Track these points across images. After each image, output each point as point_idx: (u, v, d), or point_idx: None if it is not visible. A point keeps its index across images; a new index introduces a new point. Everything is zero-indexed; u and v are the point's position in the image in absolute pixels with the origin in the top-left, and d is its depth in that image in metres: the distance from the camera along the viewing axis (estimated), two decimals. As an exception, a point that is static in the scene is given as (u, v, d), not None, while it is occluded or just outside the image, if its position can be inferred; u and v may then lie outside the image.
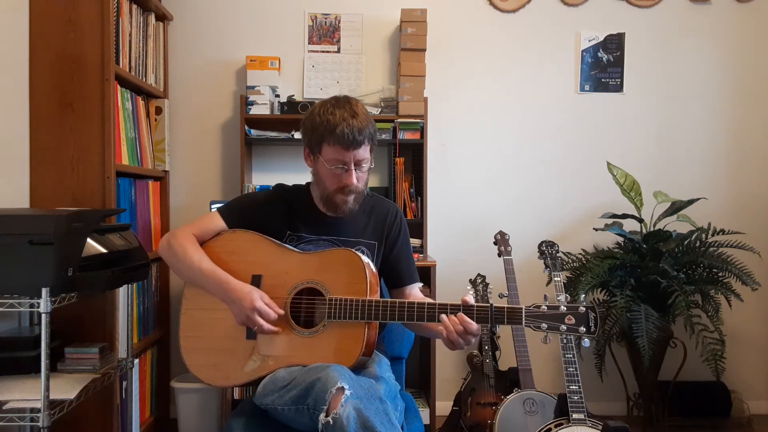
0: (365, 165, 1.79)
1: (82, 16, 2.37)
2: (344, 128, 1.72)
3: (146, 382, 2.92)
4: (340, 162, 1.76)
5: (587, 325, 1.56)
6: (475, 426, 2.59)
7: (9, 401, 1.85)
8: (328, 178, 1.79)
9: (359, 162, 1.77)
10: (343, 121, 1.73)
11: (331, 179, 1.79)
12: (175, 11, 3.27)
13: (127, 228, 2.33)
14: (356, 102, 1.80)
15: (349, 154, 1.75)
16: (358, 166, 1.78)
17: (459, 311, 1.61)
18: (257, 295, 1.70)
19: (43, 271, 1.77)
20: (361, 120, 1.75)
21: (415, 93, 3.15)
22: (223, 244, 1.84)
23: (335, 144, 1.74)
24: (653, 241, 3.04)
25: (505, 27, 3.43)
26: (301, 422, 1.55)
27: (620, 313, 2.85)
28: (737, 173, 3.50)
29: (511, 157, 3.46)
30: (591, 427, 2.13)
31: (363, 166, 1.79)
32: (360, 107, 1.79)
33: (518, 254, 2.88)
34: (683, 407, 3.18)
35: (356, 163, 1.77)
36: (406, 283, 1.93)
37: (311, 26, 3.38)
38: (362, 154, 1.77)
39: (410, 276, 1.94)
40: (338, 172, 1.77)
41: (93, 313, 2.35)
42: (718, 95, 3.49)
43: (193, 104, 3.34)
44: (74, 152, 2.37)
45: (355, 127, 1.72)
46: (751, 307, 3.37)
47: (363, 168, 1.79)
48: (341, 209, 1.82)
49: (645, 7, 3.45)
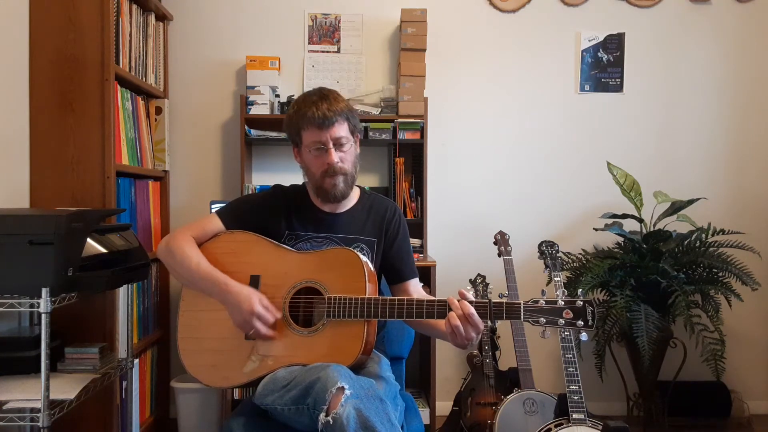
0: (346, 144, 1.82)
1: (82, 16, 2.37)
2: (314, 110, 1.78)
3: (146, 382, 2.92)
4: (319, 143, 1.80)
5: (585, 319, 1.56)
6: (475, 426, 2.59)
7: (9, 401, 1.85)
8: (313, 163, 1.83)
9: (337, 140, 1.80)
10: (313, 105, 1.80)
11: (315, 164, 1.82)
12: (175, 11, 3.28)
13: (127, 228, 2.33)
14: (328, 90, 1.86)
15: (325, 134, 1.79)
16: (338, 144, 1.81)
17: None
18: (256, 299, 1.70)
19: (43, 271, 1.77)
20: (331, 101, 1.81)
21: (415, 93, 3.15)
22: (221, 246, 1.84)
23: (309, 127, 1.80)
24: (653, 241, 3.04)
25: (505, 27, 3.43)
26: (301, 422, 1.55)
27: (620, 313, 2.85)
28: (737, 173, 3.50)
29: (511, 157, 3.46)
30: (591, 427, 2.13)
31: (343, 145, 1.82)
32: (331, 93, 1.85)
33: (518, 254, 2.88)
34: (683, 407, 3.19)
35: (335, 142, 1.80)
36: (407, 278, 1.94)
37: (311, 26, 3.38)
38: (338, 131, 1.80)
39: (411, 271, 1.95)
40: (318, 154, 1.81)
41: (93, 313, 2.35)
42: (718, 95, 3.49)
43: (193, 104, 3.34)
44: (74, 152, 2.37)
45: (325, 107, 1.78)
46: (751, 307, 3.37)
47: (344, 147, 1.82)
48: (331, 194, 1.83)
49: (645, 7, 3.45)
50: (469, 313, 1.58)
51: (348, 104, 1.85)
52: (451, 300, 1.62)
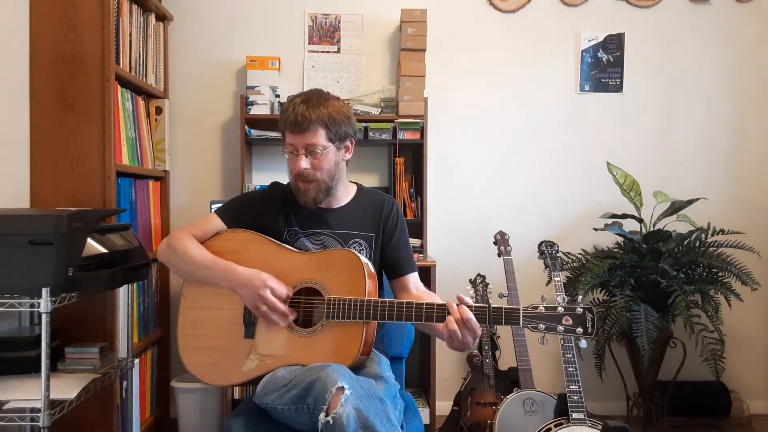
0: (319, 151, 1.77)
1: (83, 17, 2.37)
2: (290, 113, 1.76)
3: (146, 382, 2.93)
4: (291, 146, 1.79)
5: (584, 326, 1.56)
6: (475, 426, 2.59)
7: (9, 401, 1.85)
8: (289, 164, 1.83)
9: (309, 146, 1.77)
10: (293, 106, 1.77)
11: (290, 165, 1.82)
12: (175, 11, 3.28)
13: (128, 228, 2.33)
14: (319, 93, 1.81)
15: (297, 138, 1.77)
16: (309, 151, 1.78)
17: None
18: (266, 275, 1.71)
19: (44, 271, 1.77)
20: (312, 106, 1.76)
21: (415, 93, 3.15)
22: (222, 244, 1.84)
23: (285, 128, 1.79)
24: (653, 241, 3.04)
25: (505, 27, 3.44)
26: (301, 422, 1.55)
27: (620, 312, 2.85)
28: (737, 173, 3.50)
29: (511, 157, 3.46)
30: (591, 426, 2.14)
31: (316, 153, 1.77)
32: (318, 96, 1.79)
33: (518, 254, 2.88)
34: (683, 407, 3.19)
35: (306, 148, 1.77)
36: (406, 272, 1.94)
37: (311, 26, 3.38)
38: (310, 139, 1.76)
39: (409, 265, 1.95)
40: (291, 157, 1.80)
41: (93, 313, 2.35)
42: (717, 95, 3.49)
43: (193, 104, 3.35)
44: (74, 152, 2.37)
45: (301, 112, 1.75)
46: (751, 307, 3.37)
47: (316, 154, 1.78)
48: (302, 198, 1.83)
49: (645, 7, 3.45)
50: (468, 318, 1.58)
51: (333, 110, 1.78)
52: (450, 304, 1.62)
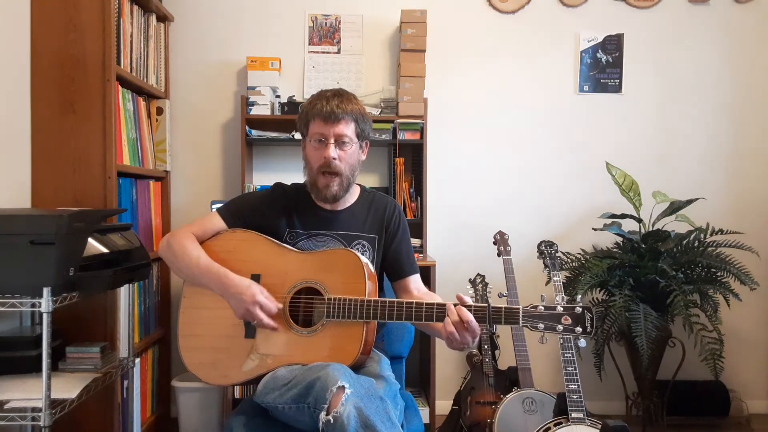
0: (347, 143, 1.82)
1: (83, 17, 2.38)
2: (324, 104, 1.81)
3: (147, 382, 2.93)
4: (321, 135, 1.82)
5: (583, 326, 1.57)
6: (474, 425, 2.60)
7: (10, 401, 1.85)
8: (312, 156, 1.85)
9: (339, 137, 1.81)
10: (325, 99, 1.83)
11: (314, 156, 1.84)
12: (176, 12, 3.28)
13: (128, 228, 2.33)
14: (346, 91, 1.88)
15: (329, 128, 1.81)
16: (339, 142, 1.82)
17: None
18: (257, 289, 1.71)
19: (45, 271, 1.78)
20: (343, 100, 1.83)
21: (415, 93, 3.16)
22: (222, 244, 1.85)
23: (316, 119, 1.82)
24: (652, 240, 3.05)
25: (505, 28, 3.44)
26: (302, 421, 1.56)
27: (619, 312, 2.86)
28: (736, 173, 3.51)
29: (510, 157, 3.47)
30: (590, 426, 2.14)
31: (345, 144, 1.82)
32: (348, 94, 1.87)
33: (518, 254, 2.89)
34: (682, 406, 3.19)
35: (336, 138, 1.81)
36: (408, 274, 1.95)
37: (311, 27, 3.39)
38: (342, 129, 1.81)
39: (411, 267, 1.96)
40: (318, 146, 1.82)
41: (94, 313, 2.36)
42: (716, 96, 3.49)
43: (193, 105, 3.35)
44: (75, 152, 2.38)
45: (336, 104, 1.81)
46: (750, 307, 3.38)
47: (345, 147, 1.82)
48: (323, 194, 1.84)
49: (644, 8, 3.46)
50: (467, 319, 1.59)
51: (362, 109, 1.87)
52: (449, 306, 1.63)
